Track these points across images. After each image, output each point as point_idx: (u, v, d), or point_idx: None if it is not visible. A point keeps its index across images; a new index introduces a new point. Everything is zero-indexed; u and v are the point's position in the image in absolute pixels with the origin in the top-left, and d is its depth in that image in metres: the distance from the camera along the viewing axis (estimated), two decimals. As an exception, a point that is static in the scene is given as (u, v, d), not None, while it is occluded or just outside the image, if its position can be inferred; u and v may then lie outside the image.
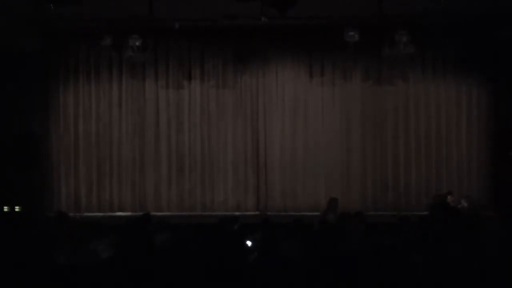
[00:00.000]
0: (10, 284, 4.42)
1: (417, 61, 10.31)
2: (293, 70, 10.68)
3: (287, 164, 10.59)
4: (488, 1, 8.73)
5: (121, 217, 9.89)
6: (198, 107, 10.72)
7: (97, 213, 10.43)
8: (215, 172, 10.66)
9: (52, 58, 10.57)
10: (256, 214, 10.03)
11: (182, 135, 10.71)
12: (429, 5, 8.34)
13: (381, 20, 8.62)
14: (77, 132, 10.69)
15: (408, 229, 6.53)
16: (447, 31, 10.06)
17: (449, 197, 9.06)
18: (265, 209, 10.38)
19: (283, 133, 10.64)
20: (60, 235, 6.14)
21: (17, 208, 9.72)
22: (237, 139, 10.68)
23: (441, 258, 4.83)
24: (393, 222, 6.76)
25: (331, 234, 6.04)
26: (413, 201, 10.43)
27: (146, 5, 8.34)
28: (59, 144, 10.66)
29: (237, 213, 9.73)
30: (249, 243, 5.53)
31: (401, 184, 10.54)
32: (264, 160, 10.62)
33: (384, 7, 8.31)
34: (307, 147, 10.62)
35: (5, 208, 9.68)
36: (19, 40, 9.80)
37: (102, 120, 10.72)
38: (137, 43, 8.79)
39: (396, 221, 6.81)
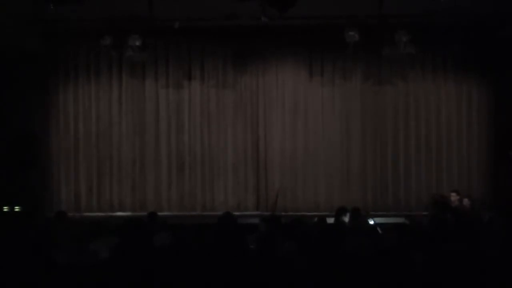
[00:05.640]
0: (10, 284, 4.42)
1: (417, 61, 10.31)
2: (293, 70, 10.67)
3: (287, 164, 10.59)
4: (488, 1, 8.72)
5: (121, 217, 9.88)
6: (198, 107, 10.72)
7: (97, 213, 10.42)
8: (215, 172, 10.65)
9: (52, 58, 10.56)
10: (257, 214, 10.00)
11: (182, 135, 10.71)
12: (429, 5, 8.33)
13: (381, 20, 8.61)
14: (77, 132, 10.68)
15: (409, 229, 6.54)
16: (447, 31, 10.04)
17: (453, 195, 9.06)
18: (265, 209, 10.37)
19: (283, 133, 10.64)
20: (59, 235, 6.15)
21: (17, 208, 9.71)
22: (237, 139, 10.68)
23: (441, 258, 4.83)
24: (394, 222, 6.76)
25: (330, 234, 6.04)
26: (413, 201, 10.44)
27: (146, 5, 8.34)
28: (59, 144, 10.66)
29: (237, 213, 9.70)
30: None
31: (401, 184, 10.53)
32: (264, 160, 10.61)
33: (384, 7, 8.30)
34: (307, 147, 10.62)
35: (5, 208, 9.68)
36: (19, 40, 9.80)
37: (102, 120, 10.71)
38: (137, 43, 8.79)
39: (397, 221, 6.82)
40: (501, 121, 10.31)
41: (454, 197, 9.02)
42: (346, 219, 7.12)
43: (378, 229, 6.76)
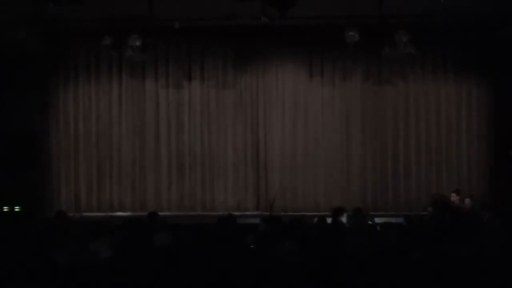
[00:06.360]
0: (11, 284, 4.42)
1: (417, 61, 10.31)
2: (293, 70, 10.68)
3: (287, 164, 10.59)
4: (488, 1, 8.72)
5: (121, 217, 9.88)
6: (198, 107, 10.72)
7: (97, 213, 10.42)
8: (215, 172, 10.66)
9: (52, 58, 10.57)
10: (257, 214, 9.99)
11: (182, 135, 10.71)
12: (429, 5, 8.33)
13: (381, 20, 8.61)
14: (77, 132, 10.69)
15: (409, 229, 6.54)
16: (447, 31, 10.04)
17: (453, 195, 9.06)
18: (265, 209, 10.37)
19: (283, 133, 10.65)
20: (59, 235, 6.14)
21: (17, 208, 9.71)
22: (237, 139, 10.68)
23: (441, 258, 4.83)
24: (394, 222, 6.75)
25: (330, 234, 6.04)
26: (413, 201, 10.43)
27: (146, 5, 8.34)
28: (59, 144, 10.66)
29: (237, 213, 9.69)
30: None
31: (401, 184, 10.54)
32: (264, 160, 10.62)
33: (384, 7, 8.30)
34: (307, 147, 10.62)
35: (5, 208, 9.68)
36: (19, 40, 9.80)
37: (102, 120, 10.72)
38: (137, 43, 8.78)
39: (396, 221, 6.81)
40: (501, 121, 10.31)
41: (454, 197, 9.03)
42: (343, 219, 7.11)
43: (378, 229, 6.74)
